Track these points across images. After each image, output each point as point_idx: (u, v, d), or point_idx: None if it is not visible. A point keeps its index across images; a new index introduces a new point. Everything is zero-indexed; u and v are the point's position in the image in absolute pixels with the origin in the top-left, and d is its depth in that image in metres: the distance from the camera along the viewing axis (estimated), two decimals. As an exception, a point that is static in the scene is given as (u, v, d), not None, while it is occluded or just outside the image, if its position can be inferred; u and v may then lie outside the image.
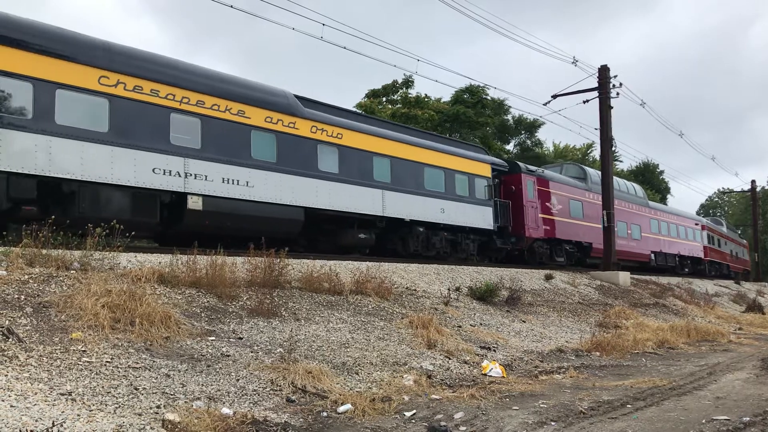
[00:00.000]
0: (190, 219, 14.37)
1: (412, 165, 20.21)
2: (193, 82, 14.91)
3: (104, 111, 13.24)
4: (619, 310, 18.84)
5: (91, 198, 12.88)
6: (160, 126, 14.05)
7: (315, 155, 17.25)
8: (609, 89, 26.97)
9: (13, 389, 5.88)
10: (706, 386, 9.37)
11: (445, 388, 8.68)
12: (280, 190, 16.14)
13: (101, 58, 13.36)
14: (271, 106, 16.42)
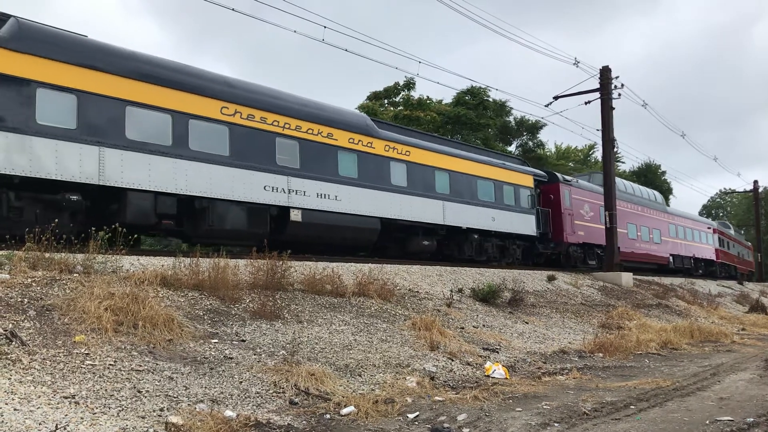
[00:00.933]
0: (291, 229, 16.27)
1: (467, 178, 22.22)
2: (292, 110, 16.90)
3: (225, 137, 15.21)
4: (622, 311, 18.82)
5: (218, 213, 14.82)
6: (268, 149, 16.03)
7: (388, 171, 19.30)
8: (610, 90, 26.98)
9: (17, 392, 5.89)
10: (710, 387, 9.35)
11: (448, 390, 8.67)
12: (361, 202, 18.14)
13: (222, 91, 15.37)
14: (352, 128, 18.50)
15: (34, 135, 12.06)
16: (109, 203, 13.36)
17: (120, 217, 12.93)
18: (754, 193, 56.26)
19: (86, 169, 12.63)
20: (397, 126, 22.44)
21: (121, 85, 13.45)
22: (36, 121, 12.14)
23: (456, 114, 39.56)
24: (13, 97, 11.88)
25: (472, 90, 40.34)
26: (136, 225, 13.39)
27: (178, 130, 14.25)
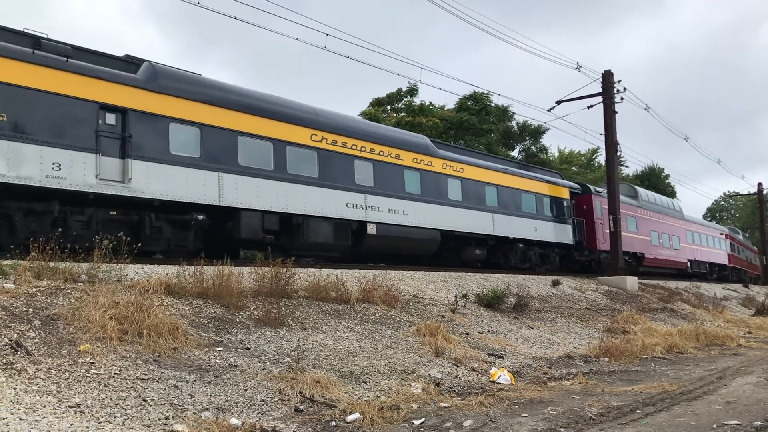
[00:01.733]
0: (367, 241, 18.09)
1: (512, 191, 24.13)
2: (367, 134, 18.99)
3: (314, 161, 17.09)
4: (627, 315, 18.77)
5: (311, 228, 16.64)
6: (348, 170, 17.92)
7: (446, 187, 21.14)
8: (613, 94, 26.98)
9: (22, 402, 5.89)
10: (716, 391, 9.32)
11: (454, 396, 8.65)
12: (424, 216, 19.92)
13: (310, 120, 17.29)
14: (415, 149, 20.51)
15: (170, 164, 13.91)
16: (226, 221, 15.05)
17: (235, 234, 15.11)
18: (758, 196, 56.10)
19: (209, 193, 14.52)
20: (452, 145, 25.58)
21: (232, 118, 15.35)
22: (170, 151, 13.97)
23: (459, 119, 39.59)
24: (152, 132, 13.76)
25: (474, 95, 40.36)
26: (248, 240, 15.55)
27: (278, 155, 16.18)
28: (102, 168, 12.82)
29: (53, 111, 12.39)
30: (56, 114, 12.43)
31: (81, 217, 12.81)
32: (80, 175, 12.53)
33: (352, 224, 17.73)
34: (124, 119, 13.38)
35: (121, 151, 13.25)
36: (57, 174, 12.21)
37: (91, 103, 12.94)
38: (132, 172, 13.21)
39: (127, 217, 13.48)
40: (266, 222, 15.64)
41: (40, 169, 12.05)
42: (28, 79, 12.14)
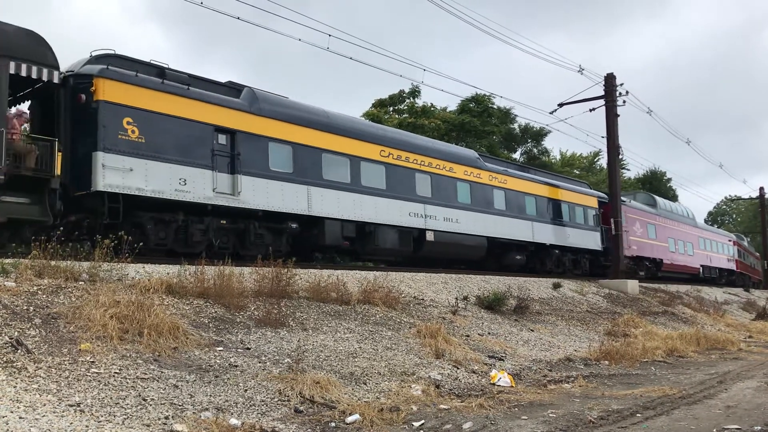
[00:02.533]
0: (426, 247, 19.91)
1: (549, 201, 26.00)
2: (425, 150, 20.97)
3: (383, 174, 19.00)
4: (628, 319, 18.74)
5: (381, 235, 18.53)
6: (410, 182, 19.82)
7: (492, 197, 23.04)
8: (615, 97, 26.96)
9: (22, 400, 5.90)
10: (717, 395, 9.31)
11: (454, 398, 8.65)
12: (473, 224, 21.71)
13: (379, 137, 19.49)
14: (465, 162, 22.41)
15: (270, 179, 15.76)
16: (312, 229, 16.87)
17: (320, 240, 17.05)
18: (760, 200, 56.04)
19: (300, 204, 16.43)
20: (497, 158, 27.82)
21: (318, 137, 17.21)
22: (270, 167, 15.86)
23: (461, 121, 39.59)
24: (255, 150, 15.64)
25: (476, 97, 40.35)
26: (330, 245, 17.44)
27: (354, 170, 18.09)
28: (217, 183, 14.72)
29: (178, 133, 14.21)
30: (181, 135, 14.26)
31: (200, 226, 14.64)
32: (201, 189, 14.43)
33: (413, 232, 19.66)
34: (233, 139, 15.26)
35: (231, 167, 15.12)
36: (183, 188, 14.08)
37: (208, 125, 14.85)
38: (241, 186, 15.11)
39: (235, 225, 15.37)
40: (345, 229, 17.60)
41: (170, 184, 13.84)
42: (159, 106, 13.94)
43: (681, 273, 36.00)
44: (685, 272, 36.68)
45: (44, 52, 12.58)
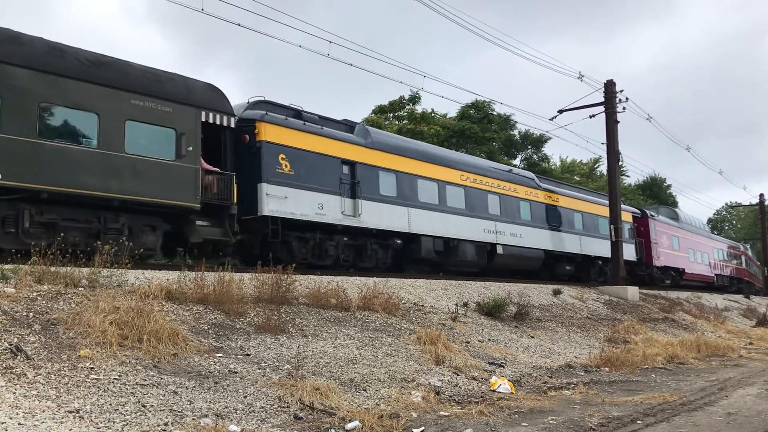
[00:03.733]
0: (497, 259, 22.82)
1: (592, 216, 29.14)
2: (495, 173, 24.14)
3: (462, 196, 21.89)
4: (628, 325, 18.71)
5: (462, 249, 21.33)
6: (484, 202, 22.77)
7: (547, 214, 25.99)
8: (615, 104, 26.97)
9: (21, 407, 5.89)
10: (717, 402, 9.29)
11: (454, 405, 8.63)
12: (533, 238, 24.66)
13: (459, 163, 22.66)
14: (526, 183, 25.61)
15: (381, 202, 18.67)
16: (410, 244, 19.74)
17: (416, 253, 19.90)
18: (760, 207, 56.05)
19: (402, 223, 19.27)
20: (550, 179, 30.84)
21: (414, 165, 20.25)
22: (380, 192, 18.73)
23: (461, 128, 39.62)
24: (369, 178, 18.44)
25: (476, 104, 40.38)
26: (424, 258, 20.11)
27: (441, 192, 20.99)
28: (344, 206, 17.57)
29: (316, 165, 16.99)
30: (318, 167, 17.03)
31: (332, 242, 17.52)
32: (333, 212, 17.17)
33: (487, 246, 22.48)
34: (354, 169, 18.13)
35: (352, 193, 17.91)
36: (321, 211, 16.84)
37: (336, 158, 17.69)
38: (361, 209, 17.91)
39: (355, 242, 18.20)
40: (435, 244, 20.35)
41: (312, 208, 16.60)
42: (302, 143, 16.73)
43: (699, 281, 38.45)
44: (702, 281, 39.13)
45: (224, 102, 15.27)
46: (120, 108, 13.07)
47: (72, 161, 12.32)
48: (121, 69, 13.52)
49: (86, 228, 12.76)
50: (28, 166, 11.73)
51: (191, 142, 14.05)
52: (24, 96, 11.87)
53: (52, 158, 12.07)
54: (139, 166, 13.21)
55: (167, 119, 13.80)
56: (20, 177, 11.61)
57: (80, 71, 12.70)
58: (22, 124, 11.75)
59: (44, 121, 12.13)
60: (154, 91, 13.74)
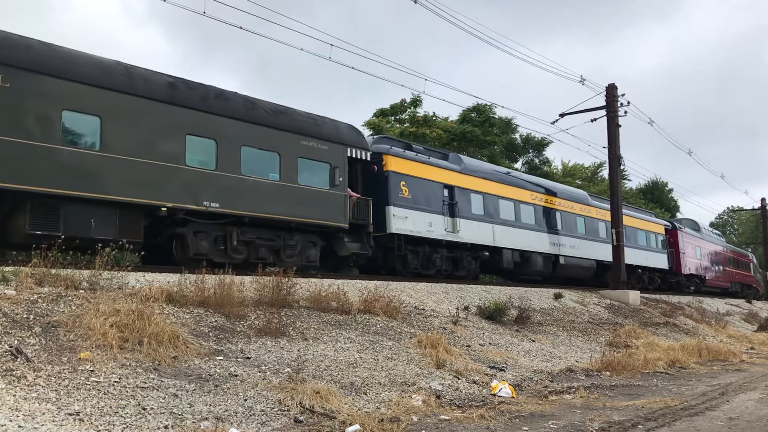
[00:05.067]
0: (559, 269, 26.31)
1: (634, 230, 32.26)
2: (558, 192, 27.92)
3: (532, 213, 25.36)
4: (630, 330, 18.68)
5: (533, 260, 24.82)
6: (551, 219, 26.40)
7: (597, 228, 29.72)
8: (616, 108, 26.97)
9: (21, 409, 5.88)
10: (719, 407, 9.26)
11: (454, 409, 8.61)
12: (587, 250, 28.23)
13: (530, 184, 26.39)
14: (580, 200, 29.48)
15: (472, 220, 22.01)
16: (494, 256, 22.99)
17: (499, 264, 23.41)
18: (761, 211, 56.00)
19: (488, 238, 22.55)
20: (598, 196, 34.59)
21: (496, 187, 23.70)
22: (471, 212, 22.09)
23: (462, 131, 39.62)
24: (463, 199, 21.89)
25: (478, 107, 40.38)
26: (504, 268, 23.83)
27: (516, 211, 24.27)
28: (447, 224, 20.92)
29: (426, 190, 20.41)
30: (427, 192, 20.46)
31: (437, 255, 20.80)
32: (438, 229, 20.50)
33: (552, 257, 25.77)
34: (452, 192, 21.52)
35: (451, 212, 21.21)
36: (430, 229, 20.18)
37: (439, 183, 21.17)
38: (459, 226, 21.29)
39: (453, 254, 21.47)
40: (513, 256, 23.70)
41: (423, 226, 19.89)
42: (415, 171, 20.22)
43: (717, 288, 42.32)
44: (720, 287, 42.86)
45: (361, 139, 18.78)
46: (294, 148, 16.29)
47: (264, 192, 15.48)
48: (292, 116, 16.77)
49: (271, 245, 15.86)
50: (235, 196, 14.82)
51: (341, 174, 17.35)
52: (231, 141, 14.97)
53: (250, 190, 15.16)
54: (307, 194, 16.42)
55: (324, 155, 17.03)
56: (231, 205, 14.73)
57: (266, 119, 15.80)
58: (231, 163, 14.84)
59: (232, 155, 14.92)
60: (315, 133, 16.95)
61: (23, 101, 11.90)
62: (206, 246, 14.54)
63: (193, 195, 14.09)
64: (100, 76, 13.09)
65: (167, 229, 14.22)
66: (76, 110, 12.62)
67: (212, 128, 14.58)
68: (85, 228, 12.56)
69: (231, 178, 14.78)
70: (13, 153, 11.64)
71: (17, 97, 11.80)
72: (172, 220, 13.99)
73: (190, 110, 14.29)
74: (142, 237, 13.37)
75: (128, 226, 13.13)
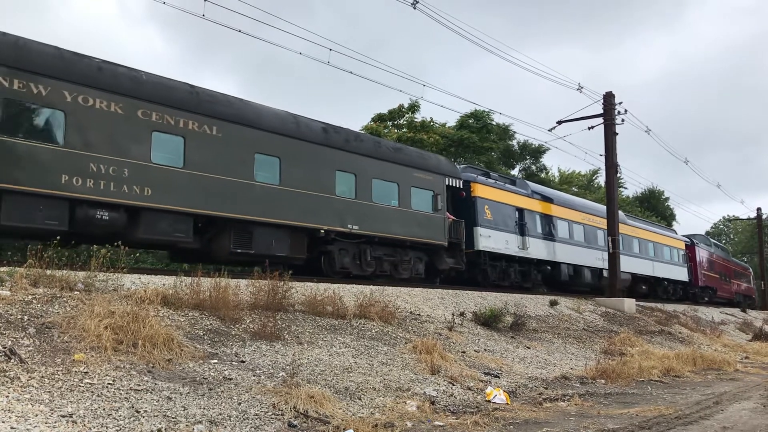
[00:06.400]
0: (602, 281, 28.66)
1: (660, 246, 36.15)
2: (599, 212, 29.59)
3: (582, 231, 28.63)
4: (625, 337, 18.68)
5: (583, 273, 27.88)
6: (596, 236, 29.36)
7: (631, 244, 32.64)
8: (614, 116, 27.02)
9: (14, 410, 5.85)
10: (713, 416, 9.27)
11: (449, 415, 8.60)
12: (625, 264, 29.46)
13: (580, 206, 29.48)
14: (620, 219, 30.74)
15: (537, 238, 25.27)
16: (554, 270, 26.22)
17: (557, 277, 26.23)
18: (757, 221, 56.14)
19: (550, 253, 25.76)
20: (631, 215, 38.62)
21: (555, 209, 26.85)
22: (537, 230, 25.50)
23: (459, 137, 39.64)
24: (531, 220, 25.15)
25: (475, 113, 40.39)
26: (562, 281, 26.48)
27: (570, 229, 27.57)
28: (518, 242, 24.16)
29: (502, 212, 23.64)
30: (503, 213, 23.67)
31: (511, 269, 23.99)
32: (513, 246, 23.80)
33: (597, 270, 28.81)
34: (522, 214, 24.77)
35: (521, 231, 24.43)
36: (507, 246, 23.52)
37: (513, 206, 24.45)
38: (528, 244, 24.52)
39: (523, 268, 24.71)
40: (569, 270, 26.93)
41: (501, 244, 23.21)
42: (495, 196, 23.55)
43: (726, 298, 46.02)
44: (726, 298, 46.38)
45: (456, 170, 22.03)
46: (408, 179, 19.36)
47: (388, 216, 18.51)
48: (406, 152, 20.28)
49: (392, 260, 18.91)
50: (369, 220, 17.85)
51: (442, 200, 20.36)
52: (365, 174, 18.00)
53: (379, 214, 18.24)
54: (417, 217, 19.46)
55: (429, 184, 20.07)
56: (366, 227, 17.72)
57: (388, 155, 19.02)
58: (366, 193, 17.96)
59: (366, 186, 17.99)
60: (423, 165, 20.10)
61: (229, 147, 14.76)
62: (348, 261, 17.55)
63: (341, 219, 17.13)
64: (278, 125, 16.04)
65: (318, 247, 17.08)
66: (264, 153, 15.58)
67: (353, 164, 17.67)
68: (268, 247, 15.42)
69: (366, 205, 17.93)
70: (223, 188, 14.52)
71: (226, 144, 14.69)
72: (323, 239, 16.91)
73: (338, 150, 17.33)
74: (305, 253, 16.49)
75: (296, 245, 16.24)
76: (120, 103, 12.98)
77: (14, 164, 11.50)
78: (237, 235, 14.86)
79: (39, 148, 11.86)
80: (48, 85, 12.02)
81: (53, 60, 12.31)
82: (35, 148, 11.80)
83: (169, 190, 13.53)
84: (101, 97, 12.73)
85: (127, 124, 13.05)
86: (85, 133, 12.45)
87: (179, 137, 13.88)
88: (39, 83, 11.91)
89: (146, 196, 13.14)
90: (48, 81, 12.02)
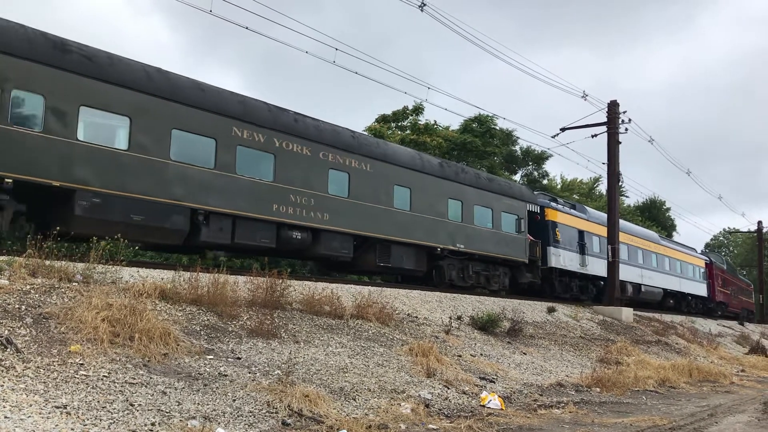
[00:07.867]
0: (641, 294, 32.15)
1: (684, 264, 39.38)
2: (639, 233, 34.18)
3: (626, 251, 30.32)
4: (621, 346, 18.66)
5: (625, 288, 29.62)
6: (636, 255, 32.53)
7: (665, 263, 36.33)
8: (617, 124, 27.00)
9: (8, 400, 5.85)
10: (707, 428, 9.26)
11: (443, 418, 8.59)
12: (657, 281, 34.64)
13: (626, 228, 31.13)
14: (653, 240, 36.10)
15: (593, 257, 28.08)
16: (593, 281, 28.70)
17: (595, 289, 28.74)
18: (757, 234, 56.10)
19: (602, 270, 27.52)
20: (663, 237, 41.82)
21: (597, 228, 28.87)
22: (593, 250, 28.25)
23: (463, 141, 39.64)
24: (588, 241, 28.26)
25: (479, 118, 40.40)
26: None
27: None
28: (580, 260, 27.30)
29: (568, 233, 26.76)
30: (569, 235, 26.83)
31: (573, 284, 27.30)
32: (575, 264, 27.02)
33: (638, 286, 32.14)
34: (582, 235, 27.80)
35: (581, 251, 27.53)
36: (571, 263, 26.68)
37: (575, 228, 27.55)
38: (587, 262, 27.59)
39: (582, 282, 27.87)
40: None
41: (568, 261, 26.39)
42: (563, 220, 26.65)
43: (735, 312, 49.01)
44: (735, 312, 49.31)
45: (534, 197, 26.05)
46: (499, 205, 22.65)
47: (484, 236, 21.79)
48: (498, 182, 23.96)
49: (486, 274, 22.26)
50: (471, 240, 21.15)
51: (524, 223, 23.77)
52: (469, 201, 21.37)
53: (478, 235, 21.47)
54: (505, 238, 22.81)
55: (514, 209, 23.43)
56: (469, 246, 21.05)
57: (485, 185, 22.42)
58: (469, 216, 21.23)
59: (470, 211, 21.29)
60: (510, 193, 23.57)
61: (377, 180, 18.19)
62: (454, 274, 20.82)
63: (452, 239, 20.41)
64: (409, 161, 19.55)
65: (432, 261, 20.25)
66: (400, 185, 18.95)
67: (460, 193, 21.01)
68: (401, 261, 18.83)
69: (469, 227, 21.21)
70: (373, 213, 17.86)
71: (375, 178, 18.11)
72: (437, 255, 20.13)
73: (449, 181, 20.74)
74: (425, 267, 19.90)
75: (420, 260, 19.60)
76: (309, 147, 16.29)
77: (244, 196, 14.66)
78: (380, 251, 18.25)
79: (260, 183, 15.11)
80: (264, 134, 15.27)
81: (266, 114, 15.58)
82: (257, 184, 15.04)
83: (339, 215, 16.87)
84: (297, 142, 16.05)
85: (313, 163, 16.37)
86: (286, 170, 15.71)
87: (345, 173, 17.30)
88: (259, 133, 15.17)
89: (325, 220, 16.48)
90: (264, 131, 15.27)
